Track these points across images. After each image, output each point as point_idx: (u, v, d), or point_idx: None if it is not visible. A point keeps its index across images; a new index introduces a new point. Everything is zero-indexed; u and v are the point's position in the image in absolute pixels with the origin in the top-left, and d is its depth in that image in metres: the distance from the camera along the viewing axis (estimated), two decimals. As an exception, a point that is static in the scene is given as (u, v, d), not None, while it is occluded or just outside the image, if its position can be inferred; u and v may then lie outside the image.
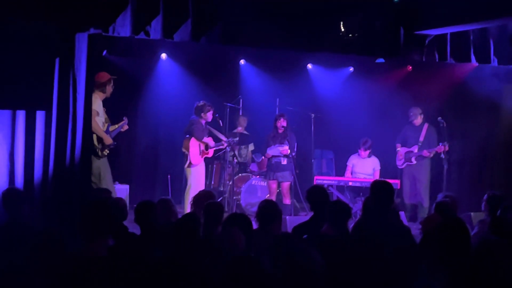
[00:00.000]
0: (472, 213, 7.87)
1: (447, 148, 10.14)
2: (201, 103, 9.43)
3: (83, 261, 4.01)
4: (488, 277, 3.87)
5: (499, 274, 3.87)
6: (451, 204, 6.15)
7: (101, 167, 8.19)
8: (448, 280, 3.92)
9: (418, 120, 10.61)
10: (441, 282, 3.91)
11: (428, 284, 4.00)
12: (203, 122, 9.48)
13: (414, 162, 10.50)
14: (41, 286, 3.89)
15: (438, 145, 10.21)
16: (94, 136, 8.06)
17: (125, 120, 8.80)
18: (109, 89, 8.38)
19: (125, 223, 5.89)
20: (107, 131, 8.35)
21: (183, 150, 9.36)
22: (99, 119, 8.23)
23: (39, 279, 3.92)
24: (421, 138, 10.48)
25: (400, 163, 10.71)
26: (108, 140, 8.26)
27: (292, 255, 3.61)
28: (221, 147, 9.93)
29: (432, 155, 10.39)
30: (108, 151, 8.31)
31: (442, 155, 10.23)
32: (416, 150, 10.47)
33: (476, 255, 3.99)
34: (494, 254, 3.96)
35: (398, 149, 10.71)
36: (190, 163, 9.30)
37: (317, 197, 5.97)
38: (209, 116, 9.46)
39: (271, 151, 9.69)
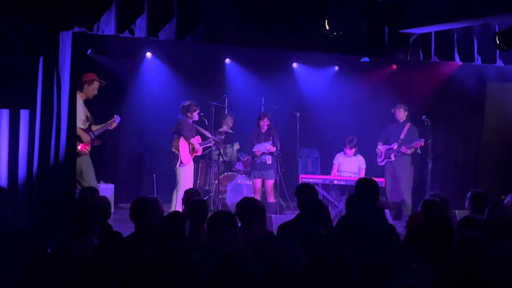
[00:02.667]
0: (456, 211, 7.90)
1: (422, 144, 10.19)
2: (187, 103, 9.42)
3: (66, 260, 3.99)
4: (470, 272, 3.90)
5: (480, 270, 3.91)
6: (439, 203, 6.15)
7: (82, 164, 8.15)
8: (435, 277, 3.94)
9: (401, 115, 10.60)
10: (427, 279, 3.94)
11: (416, 281, 4.03)
12: (190, 121, 9.47)
13: (393, 159, 10.54)
14: (25, 285, 3.86)
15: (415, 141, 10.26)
16: None
17: (115, 118, 8.76)
18: (89, 90, 8.39)
19: (110, 222, 5.87)
20: (88, 129, 8.33)
21: (173, 150, 9.33)
22: (78, 118, 8.18)
23: (23, 278, 3.89)
24: (402, 136, 10.51)
25: (380, 160, 10.75)
26: (86, 138, 8.23)
27: (274, 252, 3.62)
28: (209, 144, 9.92)
29: (410, 151, 10.41)
30: (89, 149, 8.28)
31: (419, 151, 10.29)
32: (395, 147, 10.51)
33: (457, 250, 4.02)
34: (474, 249, 4.00)
35: (379, 146, 10.73)
36: (181, 162, 9.28)
37: (305, 195, 5.95)
38: (195, 115, 9.45)
39: (258, 148, 9.68)
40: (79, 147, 8.13)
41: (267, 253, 3.64)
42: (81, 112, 8.30)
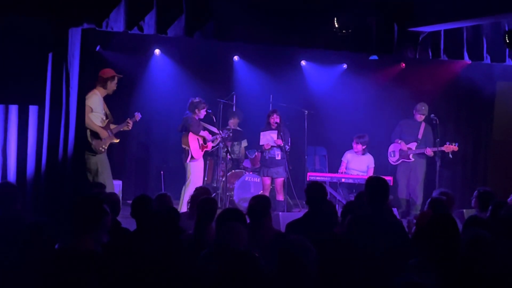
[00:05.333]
0: (464, 210, 7.89)
1: (456, 148, 10.03)
2: (197, 99, 9.43)
3: (74, 256, 4.00)
4: (477, 270, 3.90)
5: (487, 268, 3.91)
6: (446, 201, 6.15)
7: (98, 163, 8.17)
8: (439, 275, 3.94)
9: (422, 116, 10.46)
10: (431, 277, 3.93)
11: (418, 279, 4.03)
12: (196, 118, 9.48)
13: (412, 159, 10.37)
14: (33, 280, 3.88)
15: (446, 144, 10.03)
16: (88, 132, 8.04)
17: (137, 115, 8.87)
18: (111, 86, 8.41)
19: (119, 218, 5.88)
20: (106, 127, 8.33)
21: (183, 146, 9.35)
22: (97, 115, 8.22)
23: (30, 273, 3.91)
24: (420, 136, 10.38)
25: (394, 159, 10.59)
26: (104, 134, 8.23)
27: (287, 248, 3.62)
28: (218, 141, 9.93)
29: (433, 154, 10.30)
30: (105, 147, 8.29)
31: (450, 155, 10.13)
32: (414, 147, 10.39)
33: (466, 249, 4.02)
34: (482, 248, 4.00)
35: (399, 143, 10.45)
36: (192, 157, 9.30)
37: (315, 193, 5.95)
38: (202, 112, 9.46)
39: (264, 138, 9.67)
40: (94, 144, 8.15)
41: (280, 250, 3.64)
42: (101, 109, 8.33)
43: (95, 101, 8.21)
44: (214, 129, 9.87)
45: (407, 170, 10.43)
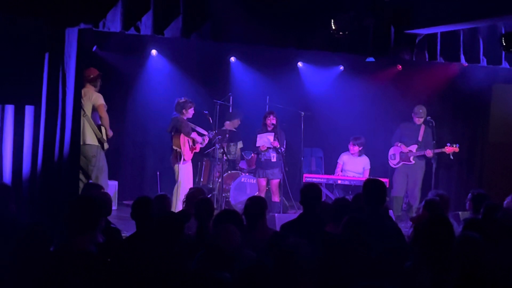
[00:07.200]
0: (460, 212, 7.90)
1: (457, 150, 10.00)
2: (183, 99, 9.35)
3: (69, 256, 4.00)
4: (471, 273, 3.90)
5: (482, 271, 3.91)
6: (440, 202, 6.16)
7: (103, 160, 8.29)
8: (434, 275, 3.94)
9: (420, 119, 10.41)
10: (428, 278, 3.94)
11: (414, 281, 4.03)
12: (185, 118, 9.42)
13: (413, 162, 10.29)
14: (28, 282, 3.87)
15: (446, 145, 10.01)
16: (103, 130, 8.19)
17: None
18: (99, 84, 8.41)
19: (114, 219, 5.87)
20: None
21: (175, 147, 9.26)
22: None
23: (26, 274, 3.90)
24: (420, 138, 10.35)
25: (394, 162, 10.49)
26: (111, 133, 8.38)
27: (284, 251, 3.62)
28: (205, 141, 9.85)
29: (432, 155, 10.31)
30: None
31: (451, 157, 10.12)
32: (414, 150, 10.38)
33: (457, 251, 4.03)
34: (474, 250, 4.01)
35: (399, 145, 10.39)
36: (183, 159, 9.25)
37: (309, 193, 5.95)
38: (190, 112, 9.36)
39: (261, 140, 9.65)
40: (106, 142, 8.29)
41: (276, 252, 3.64)
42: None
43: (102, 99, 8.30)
44: (201, 130, 9.79)
45: (406, 172, 10.39)
